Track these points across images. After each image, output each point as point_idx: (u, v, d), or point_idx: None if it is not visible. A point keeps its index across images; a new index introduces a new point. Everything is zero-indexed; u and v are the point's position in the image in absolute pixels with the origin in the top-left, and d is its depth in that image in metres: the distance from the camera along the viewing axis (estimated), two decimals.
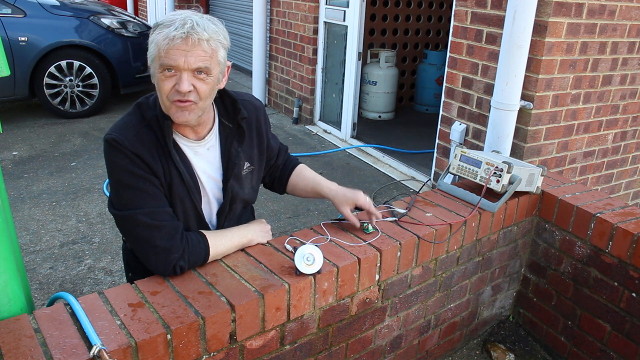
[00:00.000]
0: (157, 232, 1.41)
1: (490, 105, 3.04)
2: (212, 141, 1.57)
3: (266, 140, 1.71)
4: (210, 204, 1.61)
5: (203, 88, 1.38)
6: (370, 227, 1.82)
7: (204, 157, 1.56)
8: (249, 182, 1.67)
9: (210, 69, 1.37)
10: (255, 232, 1.68)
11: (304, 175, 1.86)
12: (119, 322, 1.29)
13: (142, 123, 1.45)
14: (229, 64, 1.50)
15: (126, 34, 5.58)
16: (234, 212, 1.67)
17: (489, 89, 3.17)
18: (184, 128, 1.50)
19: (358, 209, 2.00)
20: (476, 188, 2.13)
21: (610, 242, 1.98)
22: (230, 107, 1.59)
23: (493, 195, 2.08)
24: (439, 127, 3.71)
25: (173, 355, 1.31)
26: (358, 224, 1.79)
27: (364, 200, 1.77)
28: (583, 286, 2.12)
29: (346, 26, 4.80)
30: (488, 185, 2.05)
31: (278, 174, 1.87)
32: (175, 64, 1.32)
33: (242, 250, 1.64)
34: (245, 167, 1.63)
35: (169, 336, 1.28)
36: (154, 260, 1.43)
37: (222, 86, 1.50)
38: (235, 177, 1.60)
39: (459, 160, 2.18)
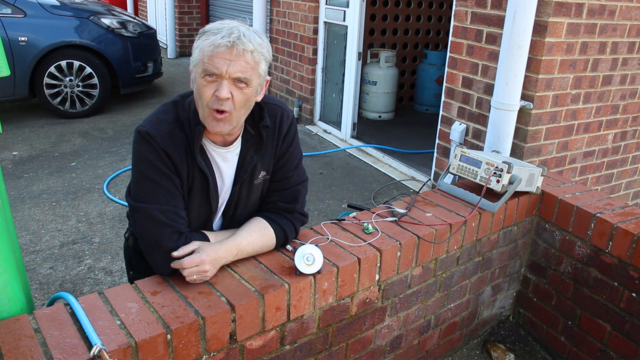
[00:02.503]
0: (167, 231, 1.43)
1: (490, 105, 3.04)
2: (239, 147, 1.57)
3: (280, 156, 1.62)
4: (220, 206, 1.62)
5: (239, 97, 1.39)
6: (370, 227, 1.82)
7: (230, 162, 1.56)
8: (260, 190, 1.66)
9: (250, 80, 1.38)
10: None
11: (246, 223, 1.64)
12: (119, 322, 1.29)
13: (176, 123, 1.46)
14: (269, 78, 1.51)
15: (126, 34, 5.58)
16: (237, 215, 1.67)
17: (489, 89, 3.17)
18: (214, 134, 1.50)
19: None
20: (476, 188, 2.13)
21: (610, 242, 1.98)
22: (257, 113, 1.56)
23: (493, 195, 2.08)
24: (439, 127, 3.70)
25: (173, 355, 1.31)
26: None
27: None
28: (583, 286, 2.12)
29: (346, 26, 4.80)
30: (488, 185, 2.05)
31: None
32: (218, 71, 1.34)
33: None
34: (260, 176, 1.62)
35: (169, 336, 1.28)
36: (157, 258, 1.45)
37: (259, 99, 1.50)
38: (247, 184, 1.60)
39: (459, 160, 2.18)
